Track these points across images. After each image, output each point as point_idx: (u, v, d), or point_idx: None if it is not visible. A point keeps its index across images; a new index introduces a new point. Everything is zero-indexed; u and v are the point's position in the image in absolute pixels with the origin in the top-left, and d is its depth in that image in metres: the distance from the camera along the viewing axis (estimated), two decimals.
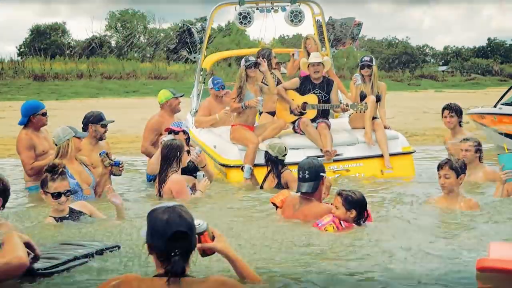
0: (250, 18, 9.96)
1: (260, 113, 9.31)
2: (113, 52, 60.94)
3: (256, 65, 8.38)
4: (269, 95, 8.66)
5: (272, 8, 10.27)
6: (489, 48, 69.82)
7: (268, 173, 7.28)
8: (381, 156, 8.53)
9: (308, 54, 9.24)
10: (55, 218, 5.31)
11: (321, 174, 5.22)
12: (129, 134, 16.83)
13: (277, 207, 5.49)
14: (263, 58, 8.69)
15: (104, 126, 7.41)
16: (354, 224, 4.94)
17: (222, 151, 8.66)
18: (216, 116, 9.45)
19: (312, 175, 5.20)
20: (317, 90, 8.71)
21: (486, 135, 13.63)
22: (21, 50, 64.03)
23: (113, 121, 7.81)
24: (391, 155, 8.53)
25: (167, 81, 35.38)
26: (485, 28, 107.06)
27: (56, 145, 6.59)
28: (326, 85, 8.76)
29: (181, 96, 8.71)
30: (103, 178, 6.87)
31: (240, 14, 9.92)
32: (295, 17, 10.06)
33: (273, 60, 9.13)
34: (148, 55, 65.78)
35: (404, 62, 61.72)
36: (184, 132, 7.33)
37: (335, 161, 8.36)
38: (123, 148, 15.26)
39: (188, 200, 6.40)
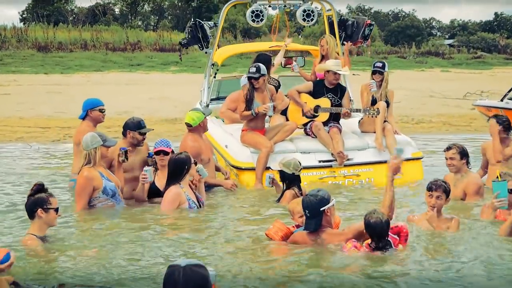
0: (262, 16, 9.96)
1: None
2: (117, 20, 60.55)
3: (259, 77, 8.41)
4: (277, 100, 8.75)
5: (285, 6, 10.29)
6: (495, 23, 69.41)
7: (286, 189, 7.29)
8: None
9: (322, 56, 9.33)
10: (36, 236, 5.41)
11: (321, 209, 5.20)
12: (136, 115, 16.82)
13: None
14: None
15: (143, 134, 7.49)
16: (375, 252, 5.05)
17: (234, 152, 8.72)
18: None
19: (312, 213, 5.21)
20: (330, 95, 8.78)
21: None
22: (24, 16, 63.70)
23: (152, 130, 7.87)
24: None
25: (172, 54, 35.24)
26: (492, 2, 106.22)
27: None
28: (339, 90, 8.84)
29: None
30: (117, 171, 7.08)
31: (252, 12, 9.92)
32: (308, 16, 10.05)
33: (271, 69, 9.36)
34: (152, 24, 65.42)
35: (411, 35, 61.42)
36: (173, 151, 7.29)
37: (345, 165, 8.46)
38: None
39: (168, 211, 6.61)
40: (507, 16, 69.20)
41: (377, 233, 5.05)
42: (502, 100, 13.39)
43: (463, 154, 7.19)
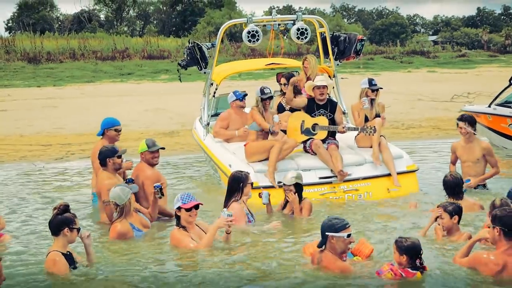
0: (258, 36, 10.33)
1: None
2: (103, 26, 60.64)
3: (271, 98, 9.06)
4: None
5: (279, 24, 10.68)
6: (478, 18, 70.26)
7: (301, 200, 7.88)
8: (388, 175, 9.07)
9: (306, 74, 9.87)
10: (61, 252, 5.84)
11: (326, 233, 5.68)
12: (134, 130, 17.12)
13: None
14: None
15: (120, 157, 7.85)
16: (414, 272, 5.44)
17: None
18: (235, 133, 9.98)
19: (321, 233, 5.74)
20: (322, 110, 9.23)
21: (481, 131, 14.16)
22: (9, 25, 63.62)
23: (125, 150, 8.11)
24: (396, 173, 9.06)
25: (161, 61, 35.57)
26: None
27: (117, 204, 7.01)
28: (329, 105, 9.31)
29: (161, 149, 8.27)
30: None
31: (248, 32, 10.28)
32: (301, 34, 10.38)
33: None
34: (138, 29, 65.56)
35: (395, 33, 62.05)
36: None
37: (345, 181, 8.89)
38: (131, 147, 15.62)
39: (242, 228, 7.09)
40: (489, 11, 70.11)
41: (418, 253, 5.47)
42: (489, 106, 13.81)
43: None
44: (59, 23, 62.19)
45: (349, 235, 5.65)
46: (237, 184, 7.38)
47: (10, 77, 30.58)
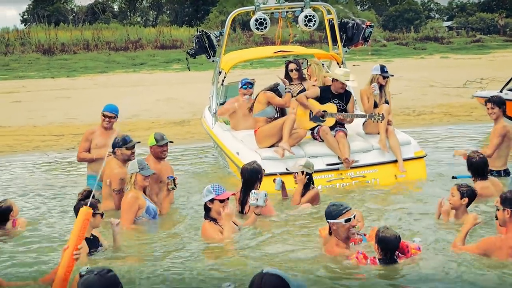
0: (266, 24, 10.38)
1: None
2: (116, 17, 60.90)
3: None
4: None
5: (287, 12, 10.69)
6: (494, 2, 69.33)
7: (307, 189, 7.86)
8: (395, 161, 9.07)
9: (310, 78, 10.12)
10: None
11: (327, 221, 5.73)
12: (145, 120, 17.26)
13: None
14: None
15: (130, 148, 7.97)
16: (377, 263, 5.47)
17: (245, 159, 9.13)
18: (235, 105, 10.11)
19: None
20: (336, 100, 9.24)
21: None
22: (25, 17, 64.10)
23: (139, 142, 8.26)
24: (404, 160, 9.06)
25: (173, 51, 35.67)
26: None
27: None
28: (345, 97, 9.31)
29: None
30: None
31: (256, 20, 10.32)
32: (309, 21, 10.46)
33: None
34: (151, 19, 65.75)
35: (409, 19, 61.50)
36: None
37: (352, 168, 8.91)
38: (141, 136, 15.71)
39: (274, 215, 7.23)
40: None
41: (390, 248, 5.44)
42: (501, 91, 13.71)
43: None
44: (74, 14, 62.50)
45: (347, 220, 5.63)
46: (255, 176, 7.39)
47: (25, 68, 30.88)
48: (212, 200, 6.40)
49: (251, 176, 7.41)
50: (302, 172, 7.85)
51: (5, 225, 7.07)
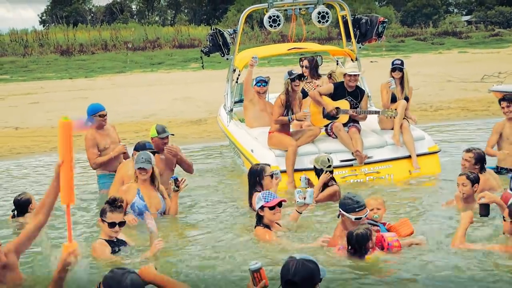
0: (279, 21, 10.39)
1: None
2: (134, 17, 61.26)
3: (301, 77, 8.94)
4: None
5: (300, 8, 10.69)
6: None
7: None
8: (409, 157, 9.06)
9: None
10: (105, 240, 6.01)
11: (339, 208, 5.79)
12: (162, 119, 17.33)
13: None
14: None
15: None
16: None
17: (259, 156, 9.18)
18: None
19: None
20: (349, 97, 9.23)
21: None
22: (43, 18, 64.69)
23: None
24: (418, 155, 9.04)
25: (191, 50, 35.77)
26: None
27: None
28: (358, 94, 9.31)
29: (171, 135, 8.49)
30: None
31: (269, 17, 10.34)
32: (322, 18, 10.43)
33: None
34: (169, 18, 65.99)
35: (427, 14, 60.95)
36: None
37: (366, 163, 8.92)
38: None
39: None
40: None
41: (351, 242, 5.41)
42: None
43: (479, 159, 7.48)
44: (92, 15, 62.91)
45: (357, 219, 5.61)
46: (254, 178, 7.42)
47: (43, 69, 31.17)
48: (262, 208, 6.29)
49: (249, 178, 7.47)
50: (314, 168, 7.85)
51: (25, 217, 7.20)
